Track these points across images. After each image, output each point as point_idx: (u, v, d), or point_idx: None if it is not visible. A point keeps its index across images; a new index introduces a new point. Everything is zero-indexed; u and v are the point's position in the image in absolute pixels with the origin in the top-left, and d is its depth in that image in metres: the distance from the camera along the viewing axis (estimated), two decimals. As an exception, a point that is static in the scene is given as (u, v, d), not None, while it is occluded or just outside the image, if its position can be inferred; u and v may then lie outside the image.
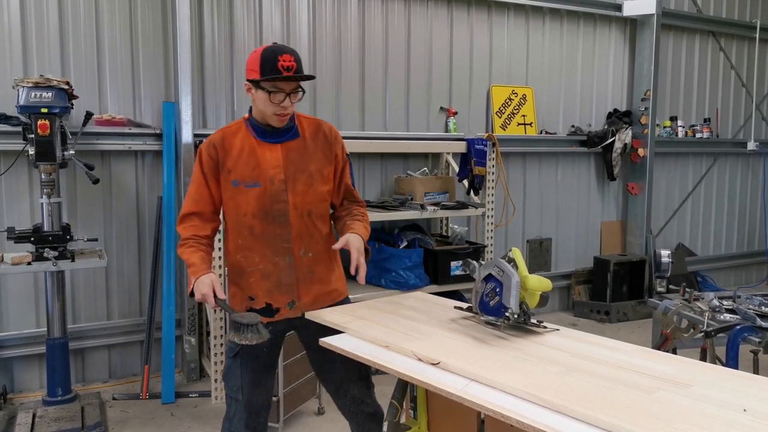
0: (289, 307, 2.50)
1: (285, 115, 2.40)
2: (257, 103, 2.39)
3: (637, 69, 6.74)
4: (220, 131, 2.52)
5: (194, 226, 2.46)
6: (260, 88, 2.35)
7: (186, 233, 2.45)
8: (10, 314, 4.31)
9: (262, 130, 2.45)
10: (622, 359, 1.94)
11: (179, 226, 2.49)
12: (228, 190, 2.44)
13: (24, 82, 3.65)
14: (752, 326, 2.98)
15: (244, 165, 2.42)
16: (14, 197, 4.26)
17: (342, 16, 5.27)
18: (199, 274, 2.34)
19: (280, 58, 2.31)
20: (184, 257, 2.42)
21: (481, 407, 1.69)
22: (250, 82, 2.38)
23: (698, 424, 1.49)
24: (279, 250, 2.45)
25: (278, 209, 2.43)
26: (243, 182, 2.42)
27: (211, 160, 2.44)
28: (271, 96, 2.34)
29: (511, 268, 2.18)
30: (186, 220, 2.48)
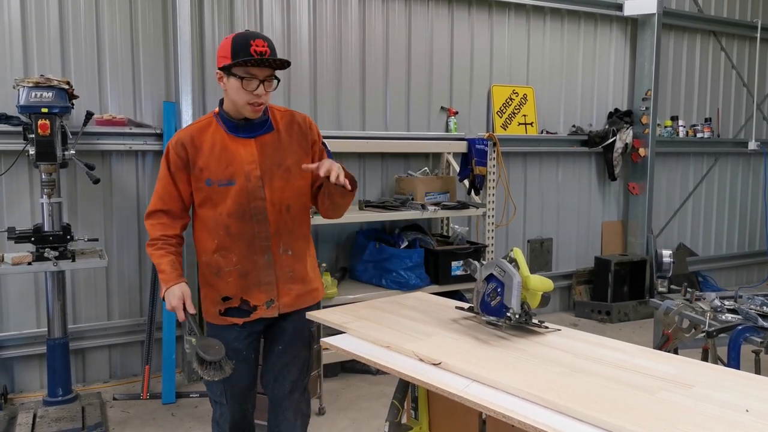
0: (267, 306, 2.43)
1: (259, 104, 2.29)
2: (229, 92, 2.29)
3: (638, 69, 6.73)
4: (189, 128, 2.42)
5: (162, 224, 2.39)
6: (232, 75, 2.24)
7: (155, 232, 2.38)
8: (11, 314, 4.31)
9: (234, 124, 2.35)
10: (624, 359, 1.94)
11: (147, 222, 2.42)
12: (202, 190, 2.35)
13: (24, 81, 3.64)
14: (754, 326, 2.97)
15: (216, 163, 2.33)
16: (15, 197, 4.26)
17: (342, 16, 5.26)
18: (170, 284, 2.29)
19: (253, 43, 2.20)
20: (153, 260, 2.37)
21: (482, 407, 1.69)
22: (221, 69, 2.27)
23: (701, 424, 1.48)
24: (258, 248, 2.38)
25: (255, 207, 2.35)
26: (217, 181, 2.33)
27: (179, 159, 2.35)
28: (244, 83, 2.23)
29: (512, 268, 2.18)
30: (152, 217, 2.41)
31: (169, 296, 2.28)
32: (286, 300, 2.45)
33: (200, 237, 2.43)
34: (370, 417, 4.01)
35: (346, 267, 5.24)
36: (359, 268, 5.07)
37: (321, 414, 4.03)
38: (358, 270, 5.08)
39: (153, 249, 2.37)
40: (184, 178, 2.36)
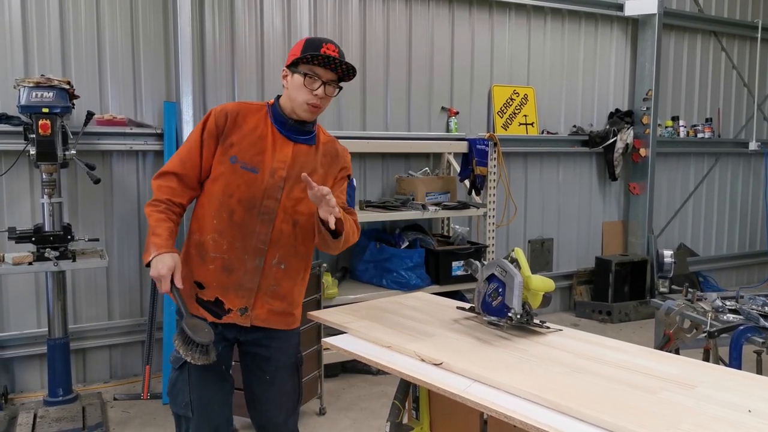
0: (240, 313, 2.26)
1: (317, 106, 2.24)
2: (290, 89, 2.24)
3: (639, 69, 6.73)
4: (239, 104, 2.33)
5: (171, 188, 2.24)
6: (296, 72, 2.22)
7: (161, 194, 2.23)
8: (11, 314, 4.30)
9: (283, 120, 2.28)
10: (625, 360, 1.93)
11: (155, 181, 2.26)
12: (223, 164, 2.23)
13: (25, 81, 3.64)
14: (756, 326, 2.96)
15: (249, 146, 2.24)
16: (15, 197, 4.26)
17: (343, 16, 5.26)
18: (162, 250, 2.13)
19: (324, 46, 2.22)
20: (150, 220, 2.19)
21: (484, 408, 1.68)
22: (288, 67, 2.25)
23: (703, 425, 1.48)
24: (252, 248, 2.24)
25: (267, 205, 2.24)
26: (241, 162, 2.22)
27: (216, 127, 2.24)
28: (306, 80, 2.20)
29: (513, 268, 2.17)
30: (165, 177, 2.26)
31: (157, 263, 2.11)
32: (259, 312, 2.28)
33: (201, 213, 2.30)
34: (370, 417, 4.01)
35: (346, 267, 5.24)
36: (360, 268, 5.07)
37: (322, 414, 4.02)
38: (359, 270, 5.08)
39: (154, 209, 2.21)
40: (212, 147, 2.25)
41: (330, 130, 5.11)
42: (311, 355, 3.96)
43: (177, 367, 2.26)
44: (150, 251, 2.15)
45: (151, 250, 2.14)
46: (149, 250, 2.15)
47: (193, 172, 2.26)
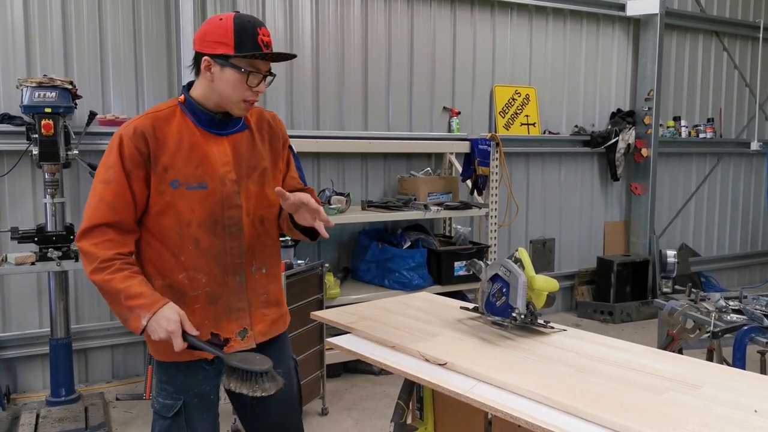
0: (241, 337, 2.02)
1: (254, 102, 1.97)
2: (220, 84, 1.91)
3: (641, 69, 6.72)
4: (147, 116, 1.94)
5: (112, 241, 1.86)
6: (232, 67, 1.88)
7: (105, 252, 1.84)
8: (13, 314, 4.30)
9: (208, 117, 1.96)
10: (630, 360, 1.93)
11: (85, 242, 1.86)
12: (165, 193, 1.91)
13: (28, 81, 3.65)
14: (759, 327, 2.96)
15: (185, 161, 1.92)
16: (18, 197, 4.26)
17: (345, 16, 5.26)
18: (159, 305, 1.82)
19: (260, 31, 1.90)
20: (112, 285, 1.82)
21: (489, 408, 1.68)
22: (214, 57, 1.88)
23: (709, 425, 1.48)
24: (230, 266, 1.99)
25: (230, 216, 1.97)
26: (185, 183, 1.91)
27: (138, 153, 1.88)
28: (249, 78, 1.90)
29: (517, 268, 2.17)
30: (97, 233, 1.86)
31: (159, 322, 1.80)
32: (260, 327, 2.07)
33: (153, 254, 1.97)
34: (373, 417, 4.01)
35: (348, 267, 5.24)
36: (362, 269, 5.07)
37: (324, 414, 4.02)
38: (361, 270, 5.08)
39: (109, 273, 1.83)
40: (141, 177, 1.89)
41: (332, 130, 5.20)
42: (313, 355, 3.96)
43: (170, 415, 1.97)
44: (139, 315, 1.81)
45: (140, 314, 1.81)
46: (136, 316, 1.82)
47: (128, 214, 1.90)
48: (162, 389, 2.01)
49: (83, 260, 1.88)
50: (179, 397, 1.98)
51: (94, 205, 1.88)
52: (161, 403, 2.00)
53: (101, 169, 1.91)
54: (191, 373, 1.99)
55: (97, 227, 1.86)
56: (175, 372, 1.99)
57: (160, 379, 2.02)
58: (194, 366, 1.99)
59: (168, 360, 1.99)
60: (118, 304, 1.84)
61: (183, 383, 1.99)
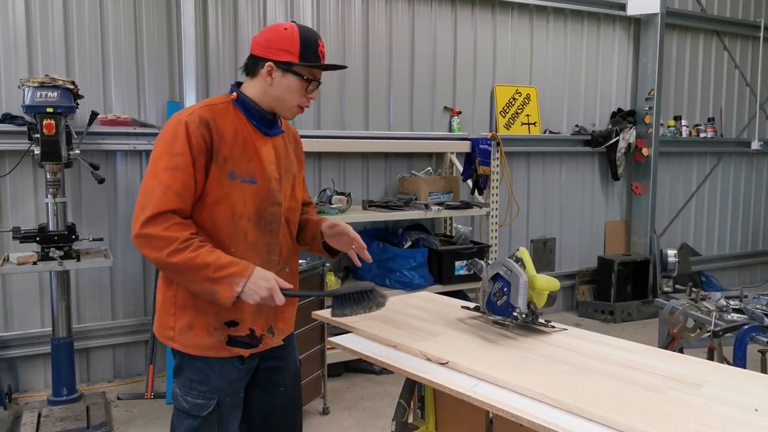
0: (270, 333, 2.08)
1: (305, 108, 2.09)
2: (279, 89, 1.99)
3: (641, 68, 6.73)
4: (207, 107, 1.98)
5: (181, 224, 1.86)
6: (293, 74, 1.98)
7: (180, 233, 1.83)
8: (15, 314, 4.31)
9: (262, 116, 2.03)
10: (632, 359, 1.94)
11: (155, 227, 1.83)
12: (223, 183, 1.94)
13: (30, 81, 3.65)
14: (760, 326, 2.97)
15: (240, 155, 1.97)
16: (19, 197, 4.27)
17: (346, 16, 5.26)
18: (251, 268, 1.85)
19: (320, 43, 2.01)
20: (200, 260, 1.82)
21: (490, 407, 1.68)
22: (278, 63, 1.97)
23: (711, 424, 1.48)
24: (266, 262, 2.03)
25: (272, 213, 2.04)
26: (240, 176, 1.96)
27: (204, 142, 1.90)
28: (309, 85, 2.01)
29: (519, 267, 2.18)
30: (163, 219, 1.84)
31: (257, 283, 1.83)
32: (281, 325, 2.13)
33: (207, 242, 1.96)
34: (374, 416, 4.01)
35: (349, 267, 5.25)
36: (363, 268, 5.07)
37: (325, 414, 4.03)
38: (362, 269, 5.08)
39: (192, 250, 1.82)
40: (202, 166, 1.91)
41: (333, 130, 5.20)
42: (315, 354, 3.97)
43: (204, 415, 1.97)
44: (231, 283, 1.82)
45: (233, 281, 1.83)
46: (227, 285, 1.82)
47: (190, 202, 1.91)
48: (192, 388, 1.99)
49: (153, 246, 1.83)
50: (213, 397, 1.98)
51: (161, 192, 1.85)
52: (191, 403, 1.98)
53: (165, 156, 1.88)
54: (226, 373, 2.00)
55: (163, 214, 1.84)
56: (210, 371, 1.99)
57: (190, 378, 1.99)
58: (227, 363, 2.00)
59: (199, 355, 1.98)
60: (203, 278, 1.83)
61: (218, 383, 1.99)
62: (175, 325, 1.99)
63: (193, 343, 1.97)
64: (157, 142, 1.95)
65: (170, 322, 1.99)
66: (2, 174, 4.13)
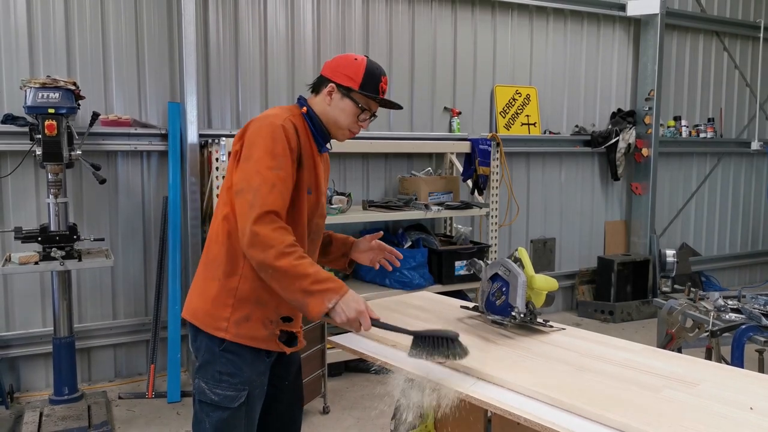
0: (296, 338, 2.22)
1: (355, 135, 2.21)
2: (334, 110, 2.12)
3: (641, 69, 6.74)
4: (293, 116, 2.08)
5: (284, 228, 1.90)
6: (350, 99, 2.11)
7: (286, 237, 1.88)
8: (17, 314, 4.33)
9: (323, 132, 2.15)
10: (629, 358, 1.95)
11: (264, 227, 1.86)
12: (301, 190, 2.06)
13: (31, 82, 3.67)
14: (758, 326, 2.98)
15: (308, 168, 2.08)
16: (21, 197, 4.28)
17: (346, 16, 5.28)
18: (346, 288, 1.89)
19: (383, 79, 2.17)
20: (302, 269, 1.85)
21: (488, 405, 1.70)
22: (339, 87, 2.11)
23: (706, 422, 1.50)
24: None
25: (317, 224, 2.18)
26: (307, 185, 2.08)
27: (297, 148, 2.02)
28: (362, 114, 2.14)
29: (517, 267, 2.19)
30: (269, 219, 1.88)
31: (349, 304, 1.88)
32: (300, 331, 2.26)
33: None
34: (374, 416, 4.03)
35: (349, 267, 5.25)
36: (363, 268, 5.09)
37: (325, 413, 4.04)
38: (362, 269, 5.10)
39: (295, 258, 1.86)
40: (295, 172, 2.02)
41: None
42: (315, 354, 3.98)
43: (234, 406, 2.01)
44: (324, 299, 1.86)
45: (325, 297, 1.86)
46: (320, 299, 1.86)
47: (288, 204, 1.99)
48: (222, 381, 2.01)
49: (260, 245, 1.85)
50: (244, 388, 2.02)
51: (267, 191, 1.89)
52: (221, 395, 2.00)
53: (267, 157, 1.93)
54: (256, 366, 2.06)
55: (269, 213, 1.88)
56: (242, 364, 2.03)
57: (220, 371, 2.01)
58: (258, 358, 2.07)
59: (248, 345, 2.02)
60: (297, 288, 1.85)
61: (249, 375, 2.04)
62: (231, 316, 2.02)
63: (248, 334, 2.02)
64: (252, 143, 1.97)
65: (226, 313, 2.02)
66: (4, 174, 4.16)
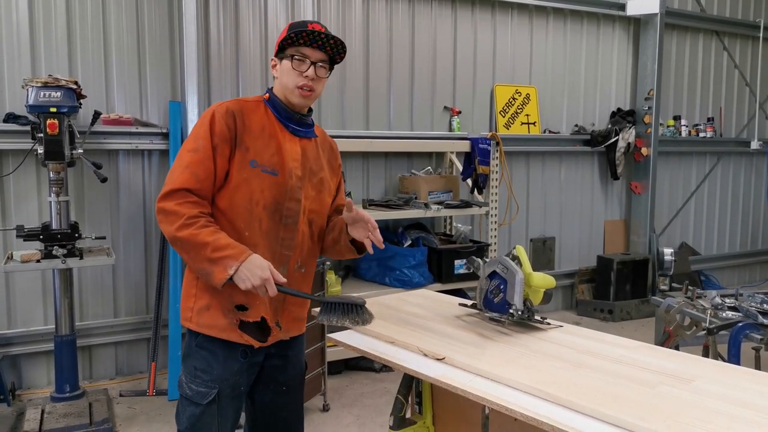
0: (278, 327, 2.12)
1: (309, 89, 2.07)
2: (281, 77, 2.10)
3: (641, 68, 6.75)
4: (238, 101, 2.11)
5: (194, 202, 1.95)
6: (284, 57, 2.08)
7: (190, 210, 1.93)
8: (19, 312, 4.35)
9: (288, 113, 2.11)
10: (625, 355, 1.97)
11: (168, 203, 1.93)
12: (244, 170, 2.02)
13: (33, 81, 3.68)
14: (754, 323, 3.00)
15: (264, 146, 2.05)
16: (23, 196, 4.31)
17: (347, 16, 5.30)
18: (247, 254, 1.89)
19: (310, 25, 2.04)
20: (200, 239, 1.89)
21: (485, 401, 1.72)
22: (276, 55, 2.12)
23: (700, 417, 1.51)
24: (278, 256, 2.08)
25: (290, 208, 2.09)
26: (261, 165, 2.03)
27: (228, 130, 2.01)
28: (294, 63, 2.05)
29: (515, 265, 2.21)
30: (178, 195, 1.94)
31: (251, 270, 1.87)
32: (285, 322, 2.15)
33: (224, 226, 2.02)
34: (374, 413, 4.05)
35: (349, 265, 5.28)
36: (363, 267, 5.11)
37: (325, 411, 4.07)
38: (362, 268, 5.12)
39: (196, 228, 1.90)
40: (226, 153, 2.01)
41: (333, 129, 5.24)
42: (315, 352, 4.01)
43: (204, 403, 2.03)
44: (225, 266, 1.88)
45: (227, 264, 1.88)
46: (222, 267, 1.88)
47: (208, 184, 1.99)
48: (196, 376, 2.06)
49: (165, 219, 1.93)
50: (215, 386, 2.04)
51: (180, 170, 1.98)
52: (195, 390, 2.05)
53: (190, 139, 2.03)
54: (229, 364, 2.06)
55: (179, 191, 1.95)
56: (214, 361, 2.05)
57: (195, 366, 2.06)
58: (232, 357, 2.07)
59: (213, 335, 2.05)
60: (202, 258, 1.90)
61: (220, 373, 2.05)
62: (194, 305, 2.08)
63: (209, 323, 2.05)
64: None
65: (190, 303, 2.08)
66: (6, 173, 4.18)
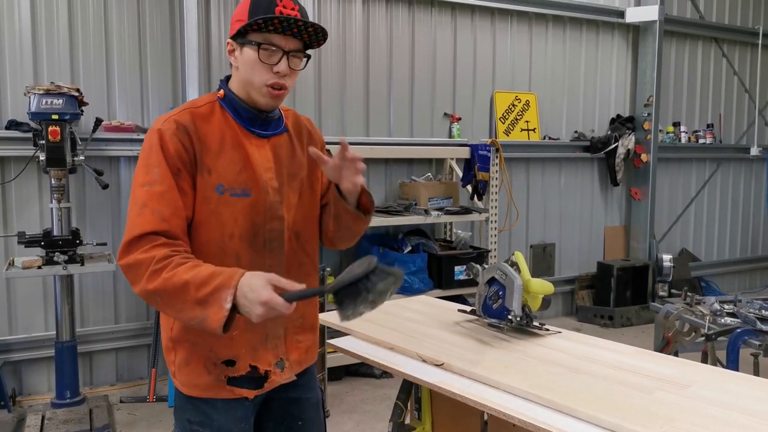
0: (279, 368, 1.77)
1: (281, 88, 1.66)
2: (242, 68, 1.66)
3: (640, 75, 6.77)
4: (187, 111, 1.68)
5: (164, 244, 1.54)
6: (247, 44, 1.63)
7: (158, 252, 1.51)
8: (20, 318, 4.36)
9: (249, 114, 1.70)
10: (622, 361, 1.98)
11: (133, 255, 1.52)
12: (210, 199, 1.64)
13: (35, 89, 3.71)
14: (752, 330, 3.01)
15: (229, 164, 1.66)
16: (24, 202, 4.32)
17: (346, 23, 5.32)
18: (237, 276, 1.48)
19: (279, 3, 1.61)
20: (177, 279, 1.48)
21: (484, 407, 1.73)
22: (234, 38, 1.65)
23: (697, 422, 1.53)
24: None
25: (272, 229, 1.72)
26: (230, 189, 1.66)
27: (186, 150, 1.62)
28: (261, 53, 1.61)
29: (513, 271, 2.22)
30: (143, 243, 1.53)
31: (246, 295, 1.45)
32: (295, 356, 1.82)
33: None
34: (374, 419, 4.05)
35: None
36: (363, 271, 5.11)
37: (325, 417, 4.06)
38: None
39: (169, 270, 1.50)
40: (188, 179, 1.62)
41: (334, 136, 5.26)
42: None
43: None
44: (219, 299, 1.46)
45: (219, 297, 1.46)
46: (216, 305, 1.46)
47: (177, 221, 1.59)
48: (192, 431, 1.73)
49: (132, 276, 1.53)
50: None
51: (137, 212, 1.57)
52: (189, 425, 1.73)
53: (140, 172, 1.63)
54: (231, 412, 1.73)
55: (142, 237, 1.54)
56: (213, 412, 1.72)
57: (190, 420, 1.73)
58: (232, 404, 1.73)
59: (197, 396, 1.72)
60: (189, 303, 1.48)
61: (223, 423, 1.72)
62: (175, 359, 1.73)
63: (191, 381, 1.71)
64: None
65: (171, 357, 1.74)
66: (8, 180, 4.20)
